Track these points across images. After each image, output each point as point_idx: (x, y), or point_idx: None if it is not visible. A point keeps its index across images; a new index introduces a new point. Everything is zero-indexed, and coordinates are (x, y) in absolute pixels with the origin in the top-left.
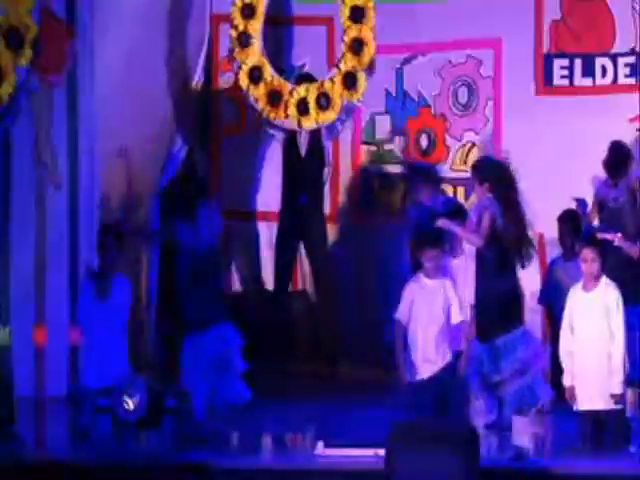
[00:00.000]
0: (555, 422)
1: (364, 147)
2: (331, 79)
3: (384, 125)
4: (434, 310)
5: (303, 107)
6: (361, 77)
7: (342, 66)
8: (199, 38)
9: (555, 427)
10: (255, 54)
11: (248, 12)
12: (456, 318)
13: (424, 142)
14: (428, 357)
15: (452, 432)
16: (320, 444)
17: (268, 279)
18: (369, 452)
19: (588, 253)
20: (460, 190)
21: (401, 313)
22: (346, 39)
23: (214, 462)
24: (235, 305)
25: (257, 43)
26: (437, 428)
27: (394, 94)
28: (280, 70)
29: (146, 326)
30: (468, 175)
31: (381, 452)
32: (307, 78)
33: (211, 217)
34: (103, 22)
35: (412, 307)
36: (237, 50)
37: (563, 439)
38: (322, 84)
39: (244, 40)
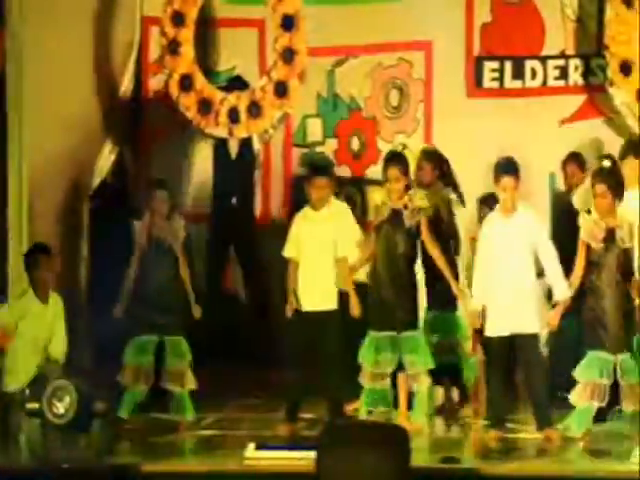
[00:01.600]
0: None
1: (295, 150)
2: (262, 88)
3: (315, 128)
4: (321, 243)
5: (234, 116)
6: (293, 86)
7: (273, 75)
8: (129, 41)
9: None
10: (185, 62)
11: (178, 19)
12: (343, 251)
13: (355, 144)
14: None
15: (382, 432)
16: (251, 446)
17: (200, 281)
18: (300, 454)
19: (508, 181)
20: None
21: (288, 250)
22: (277, 47)
23: (143, 465)
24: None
25: (188, 51)
26: (367, 428)
27: (325, 97)
28: (211, 73)
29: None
30: None
31: None
32: (238, 81)
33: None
34: (33, 25)
35: (299, 241)
36: (167, 58)
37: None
38: (253, 93)
39: (174, 48)
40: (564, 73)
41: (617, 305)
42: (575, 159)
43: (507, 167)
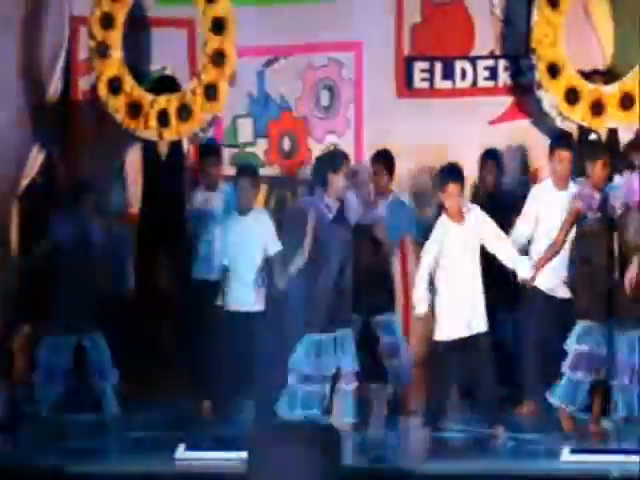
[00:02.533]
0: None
1: (226, 150)
2: (192, 90)
3: (246, 128)
4: (247, 244)
5: (164, 118)
6: (222, 88)
7: (203, 77)
8: (58, 41)
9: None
10: (114, 65)
11: (107, 22)
12: (272, 249)
13: (286, 145)
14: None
15: (314, 433)
16: (181, 447)
17: (129, 280)
18: (230, 455)
19: (454, 188)
20: None
21: (220, 253)
22: (207, 50)
23: (71, 467)
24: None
25: (116, 53)
26: (298, 429)
27: (256, 97)
28: (140, 73)
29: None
30: None
31: None
32: (167, 81)
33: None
34: None
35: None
36: (96, 60)
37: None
38: (183, 95)
39: (103, 50)
40: (494, 74)
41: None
42: (492, 156)
43: (453, 174)
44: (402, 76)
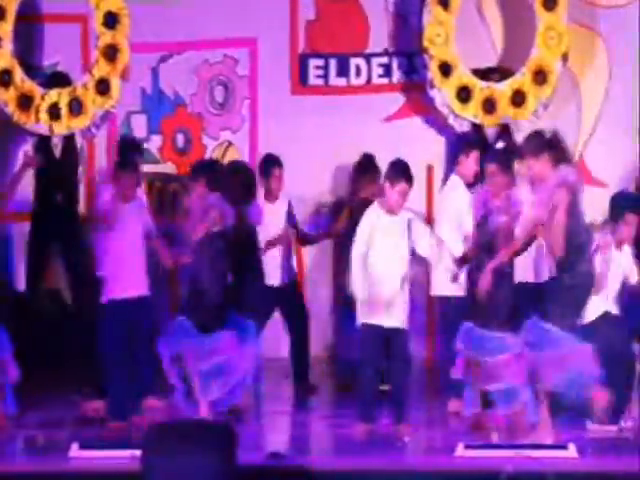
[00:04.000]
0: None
1: None
2: (84, 85)
3: (140, 124)
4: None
5: (55, 112)
6: (115, 83)
7: (95, 72)
8: None
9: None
10: (5, 57)
11: None
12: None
13: (180, 141)
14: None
15: (208, 431)
16: (74, 446)
17: (20, 280)
18: (125, 454)
19: (404, 188)
20: None
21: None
22: (100, 45)
23: None
24: None
25: (7, 46)
26: (193, 428)
27: (150, 93)
28: (31, 69)
29: None
30: None
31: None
32: (60, 77)
33: None
34: None
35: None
36: None
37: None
38: (75, 89)
39: None
40: (388, 71)
41: None
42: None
43: (405, 172)
44: (297, 73)
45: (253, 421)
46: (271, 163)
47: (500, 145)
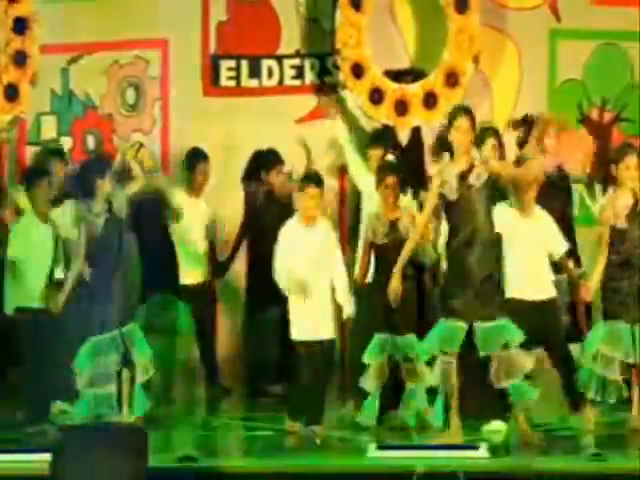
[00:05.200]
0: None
1: (29, 148)
2: None
3: (50, 126)
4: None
5: None
6: (24, 89)
7: (4, 78)
8: None
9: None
10: None
11: None
12: None
13: (91, 142)
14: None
15: (118, 435)
16: None
17: None
18: (35, 457)
19: (314, 191)
20: None
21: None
22: (8, 50)
23: None
24: None
25: None
26: (103, 429)
27: (60, 94)
28: None
29: None
30: None
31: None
32: None
33: None
34: None
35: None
36: None
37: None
38: None
39: None
40: (300, 72)
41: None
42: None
43: (316, 176)
44: (208, 74)
45: (164, 424)
46: (196, 157)
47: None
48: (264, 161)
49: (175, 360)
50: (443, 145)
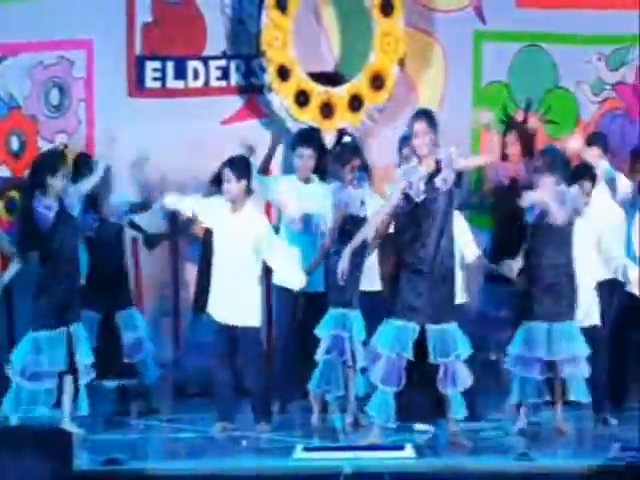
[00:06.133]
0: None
1: None
2: None
3: None
4: None
5: None
6: None
7: None
8: None
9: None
10: None
11: None
12: None
13: (15, 144)
14: None
15: (43, 436)
16: None
17: None
18: None
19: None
20: None
21: None
22: None
23: None
24: None
25: None
26: (28, 432)
27: None
28: None
29: None
30: None
31: None
32: None
33: None
34: None
35: None
36: None
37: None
38: None
39: None
40: (226, 74)
41: None
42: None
43: (232, 164)
44: (134, 75)
45: (89, 426)
46: None
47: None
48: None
49: None
50: (405, 147)
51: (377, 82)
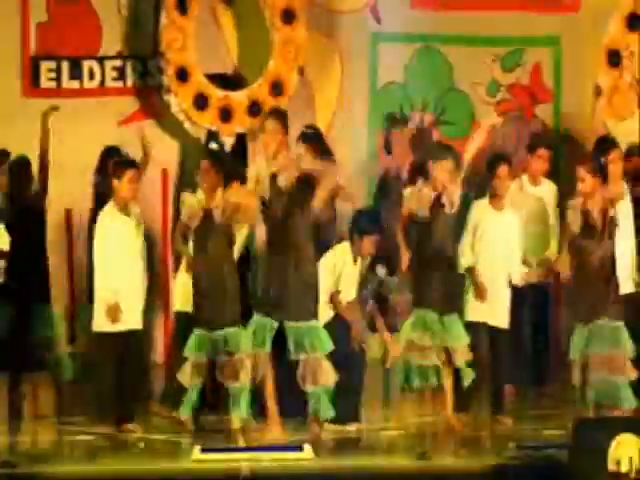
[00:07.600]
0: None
1: None
2: None
3: None
4: None
5: None
6: None
7: None
8: None
9: None
10: None
11: None
12: None
13: None
14: None
15: None
16: None
17: None
18: None
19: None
20: None
21: None
22: None
23: None
24: None
25: None
26: None
27: None
28: None
29: None
30: None
31: None
32: None
33: None
34: None
35: None
36: None
37: None
38: None
39: None
40: (122, 74)
41: None
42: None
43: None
44: (28, 75)
45: None
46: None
47: (214, 146)
48: None
49: None
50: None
51: (276, 89)
